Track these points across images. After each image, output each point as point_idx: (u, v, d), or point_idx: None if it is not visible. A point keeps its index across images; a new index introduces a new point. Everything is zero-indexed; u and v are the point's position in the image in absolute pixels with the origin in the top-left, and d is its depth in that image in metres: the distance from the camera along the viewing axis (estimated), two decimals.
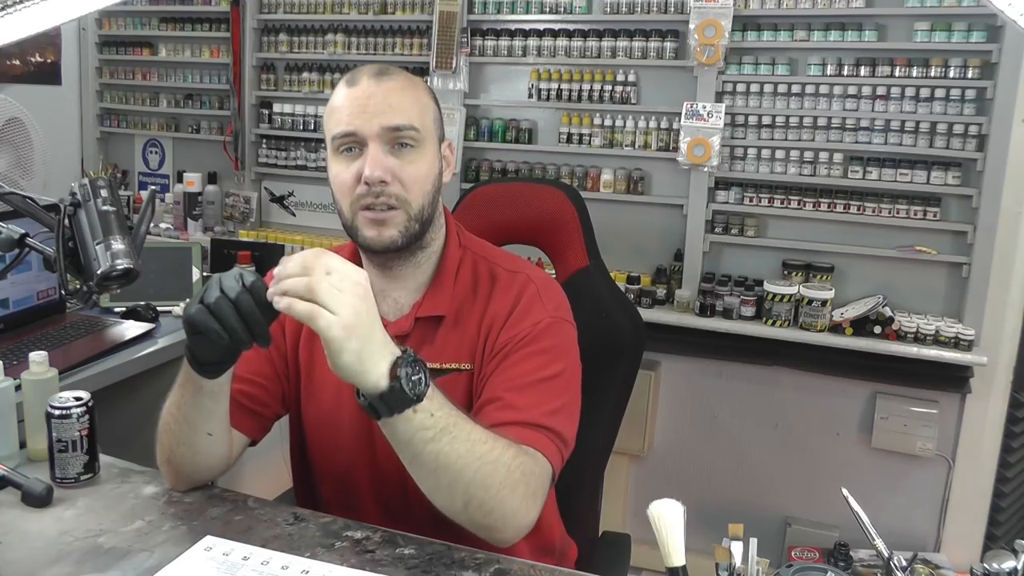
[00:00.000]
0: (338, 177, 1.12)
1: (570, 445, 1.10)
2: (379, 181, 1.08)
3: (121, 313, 2.15)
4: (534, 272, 1.21)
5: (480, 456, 0.95)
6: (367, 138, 1.08)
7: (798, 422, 2.58)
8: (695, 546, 0.91)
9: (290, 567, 0.98)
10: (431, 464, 0.95)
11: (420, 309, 1.17)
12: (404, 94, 1.11)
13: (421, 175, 1.11)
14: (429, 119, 1.14)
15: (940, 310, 2.45)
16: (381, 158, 1.08)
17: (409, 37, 2.99)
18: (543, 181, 2.34)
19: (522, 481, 0.99)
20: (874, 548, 0.92)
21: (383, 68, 1.13)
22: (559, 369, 1.11)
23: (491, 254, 1.23)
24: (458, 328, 1.16)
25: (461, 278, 1.19)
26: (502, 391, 1.08)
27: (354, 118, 1.09)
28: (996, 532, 2.47)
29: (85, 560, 1.00)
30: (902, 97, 2.41)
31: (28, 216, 0.99)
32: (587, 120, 2.76)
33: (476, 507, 0.97)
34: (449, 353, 1.15)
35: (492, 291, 1.17)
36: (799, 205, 2.55)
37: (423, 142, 1.12)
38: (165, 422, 1.11)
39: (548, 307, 1.15)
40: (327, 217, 3.25)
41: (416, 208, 1.11)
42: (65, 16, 1.10)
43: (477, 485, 0.96)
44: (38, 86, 3.30)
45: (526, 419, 1.05)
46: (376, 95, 1.09)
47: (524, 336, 1.11)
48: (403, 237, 1.11)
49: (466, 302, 1.17)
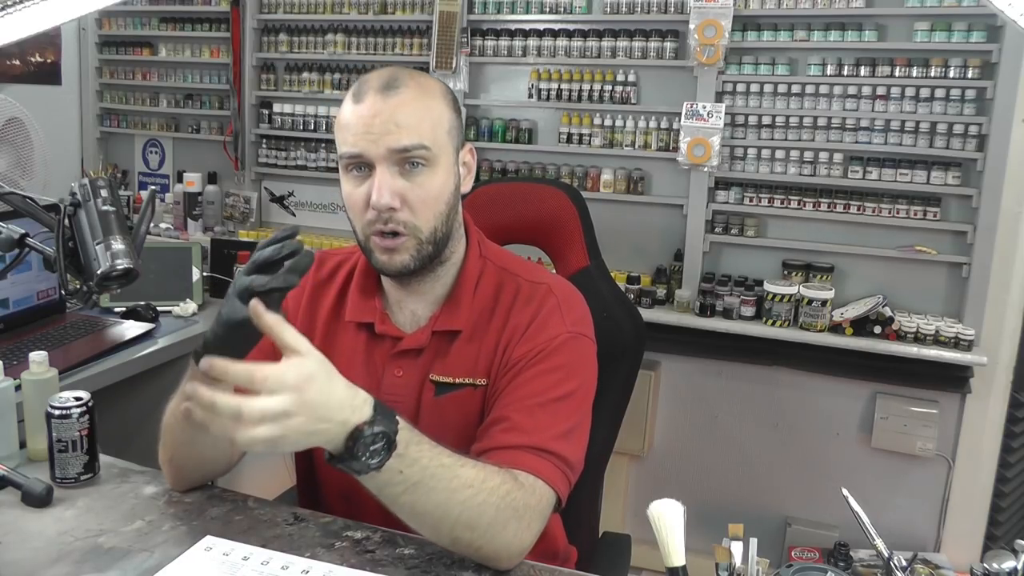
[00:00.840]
0: (350, 197, 1.09)
1: (577, 470, 1.07)
2: (387, 208, 1.04)
3: (121, 313, 2.15)
4: (556, 283, 1.17)
5: (462, 501, 0.93)
6: (374, 161, 1.05)
7: (798, 422, 2.58)
8: (695, 546, 0.91)
9: (290, 567, 0.98)
10: (407, 512, 0.94)
11: (437, 323, 1.14)
12: (413, 109, 1.05)
13: (432, 196, 1.07)
14: (442, 131, 1.08)
15: (940, 310, 2.45)
16: (389, 182, 1.04)
17: (409, 37, 2.99)
18: (544, 181, 2.34)
19: (514, 517, 0.96)
20: (874, 548, 0.92)
21: (391, 79, 1.06)
22: (572, 388, 1.08)
23: (512, 265, 1.20)
24: (474, 342, 1.13)
25: (481, 291, 1.16)
26: (511, 411, 1.05)
27: (359, 139, 1.04)
28: (996, 532, 2.47)
29: (85, 560, 1.00)
30: (902, 97, 2.41)
31: (28, 216, 0.99)
32: (587, 120, 2.76)
33: (465, 544, 0.97)
34: (463, 368, 1.13)
35: (513, 305, 1.14)
36: (799, 205, 2.55)
37: (435, 159, 1.07)
38: (168, 423, 1.11)
39: (567, 321, 1.12)
40: (327, 217, 3.25)
41: (427, 232, 1.08)
42: (65, 16, 1.10)
43: (462, 526, 0.94)
44: (38, 86, 3.30)
45: (532, 443, 1.02)
46: (382, 113, 1.04)
47: (539, 351, 1.09)
48: (415, 261, 1.09)
49: (484, 316, 1.14)
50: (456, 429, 1.08)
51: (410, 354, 1.15)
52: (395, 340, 1.16)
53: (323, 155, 3.18)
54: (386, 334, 1.16)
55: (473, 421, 1.11)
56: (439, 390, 1.13)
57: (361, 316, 1.18)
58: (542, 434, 1.03)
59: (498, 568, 1.00)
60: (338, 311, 1.20)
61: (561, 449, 1.04)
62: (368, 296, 1.19)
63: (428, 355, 1.14)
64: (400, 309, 1.17)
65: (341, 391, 0.87)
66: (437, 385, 1.13)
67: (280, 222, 3.33)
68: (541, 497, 1.01)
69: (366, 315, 1.17)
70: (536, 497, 1.00)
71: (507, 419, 1.05)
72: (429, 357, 1.13)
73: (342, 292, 1.21)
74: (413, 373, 1.14)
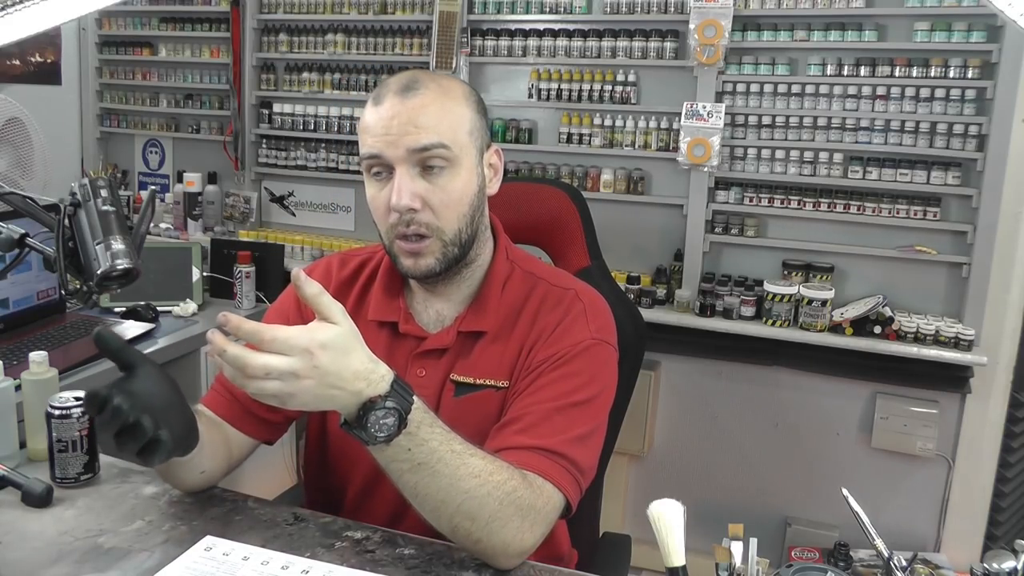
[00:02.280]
0: (373, 201, 1.09)
1: (588, 475, 1.06)
2: (408, 209, 1.04)
3: (121, 313, 2.15)
4: (583, 290, 1.17)
5: (466, 491, 0.93)
6: (393, 162, 1.04)
7: (798, 422, 2.58)
8: (695, 546, 0.91)
9: (290, 567, 0.98)
10: (410, 492, 0.95)
11: (463, 323, 1.14)
12: (432, 110, 1.05)
13: (454, 198, 1.07)
14: (463, 132, 1.07)
15: (940, 310, 2.45)
16: (408, 184, 1.04)
17: (409, 37, 2.99)
18: (545, 181, 2.34)
19: (517, 515, 0.96)
20: (874, 548, 0.92)
21: (411, 81, 1.06)
22: (591, 395, 1.08)
23: (540, 270, 1.20)
24: (498, 344, 1.13)
25: (508, 294, 1.15)
26: (527, 412, 1.05)
27: (378, 140, 1.04)
28: (996, 532, 2.47)
29: (85, 560, 1.00)
30: (902, 97, 2.41)
31: (28, 216, 0.99)
32: (587, 120, 2.76)
33: (464, 535, 0.96)
34: (485, 369, 1.12)
35: (540, 309, 1.14)
36: (799, 205, 2.55)
37: (457, 159, 1.06)
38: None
39: (591, 327, 1.12)
40: (327, 217, 3.25)
41: (451, 233, 1.08)
42: (65, 16, 1.10)
43: (462, 515, 0.94)
44: (38, 86, 3.30)
45: (545, 445, 1.02)
46: (401, 114, 1.04)
47: (562, 356, 1.08)
48: (440, 264, 1.09)
49: (510, 318, 1.14)
50: (474, 430, 1.07)
51: (433, 354, 1.15)
52: (418, 340, 1.16)
53: (323, 155, 3.18)
54: (409, 333, 1.16)
55: (492, 423, 1.10)
56: (459, 390, 1.13)
57: (384, 315, 1.17)
58: (556, 437, 1.03)
59: (497, 567, 1.00)
60: (360, 310, 1.19)
61: (574, 454, 1.03)
62: (392, 295, 1.19)
63: (451, 355, 1.14)
64: (425, 309, 1.17)
65: (358, 363, 0.88)
66: (457, 385, 1.13)
67: (280, 222, 3.33)
68: (548, 500, 1.01)
69: (389, 314, 1.17)
70: (543, 499, 1.00)
71: (522, 420, 1.05)
72: (452, 357, 1.13)
73: (364, 291, 1.21)
74: (435, 373, 1.14)
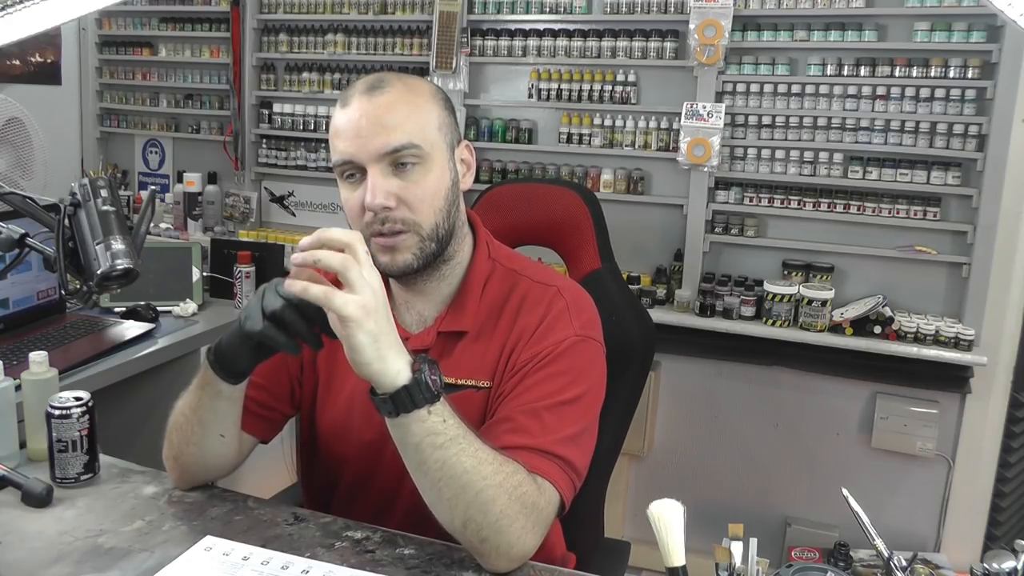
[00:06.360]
0: (347, 203, 1.08)
1: (582, 475, 1.05)
2: (382, 208, 1.04)
3: (121, 313, 2.15)
4: (566, 286, 1.16)
5: (485, 476, 0.93)
6: (365, 163, 1.04)
7: (798, 422, 2.58)
8: (695, 546, 0.91)
9: (290, 567, 0.98)
10: (436, 473, 0.93)
11: (443, 323, 1.13)
12: (399, 108, 1.05)
13: (429, 193, 1.06)
14: (432, 128, 1.07)
15: (940, 310, 2.45)
16: (381, 183, 1.04)
17: (409, 37, 2.99)
18: (558, 182, 2.32)
19: (522, 513, 0.96)
20: (874, 548, 0.92)
21: (376, 81, 1.07)
22: (579, 392, 1.06)
23: (522, 266, 1.18)
24: (479, 344, 1.12)
25: (488, 293, 1.14)
26: (517, 413, 1.04)
27: (348, 144, 1.04)
28: (996, 532, 2.47)
29: (85, 560, 1.00)
30: (902, 97, 2.41)
31: (28, 216, 0.99)
32: (587, 120, 2.76)
33: (473, 530, 0.95)
34: (466, 369, 1.12)
35: (521, 307, 1.12)
36: (799, 205, 2.55)
37: (427, 156, 1.06)
38: (176, 422, 1.11)
39: (575, 324, 1.10)
40: (327, 217, 3.25)
41: (428, 228, 1.07)
42: (65, 16, 1.10)
43: (477, 508, 0.93)
44: (38, 86, 3.30)
45: (538, 445, 1.01)
46: (369, 113, 1.04)
47: (546, 355, 1.07)
48: (418, 259, 1.08)
49: (492, 317, 1.13)
50: None
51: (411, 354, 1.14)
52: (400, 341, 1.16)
53: (323, 155, 3.18)
54: None
55: (473, 423, 1.09)
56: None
57: None
58: (548, 437, 1.02)
59: (497, 570, 0.99)
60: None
61: (567, 453, 1.03)
62: None
63: (432, 356, 1.13)
64: (407, 310, 1.17)
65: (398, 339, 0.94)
66: None
67: (280, 222, 3.33)
68: (550, 500, 1.00)
69: None
70: (545, 498, 1.00)
71: (512, 420, 1.04)
72: (433, 357, 1.13)
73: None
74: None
